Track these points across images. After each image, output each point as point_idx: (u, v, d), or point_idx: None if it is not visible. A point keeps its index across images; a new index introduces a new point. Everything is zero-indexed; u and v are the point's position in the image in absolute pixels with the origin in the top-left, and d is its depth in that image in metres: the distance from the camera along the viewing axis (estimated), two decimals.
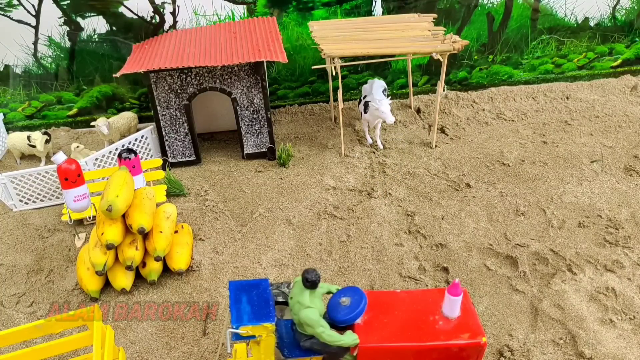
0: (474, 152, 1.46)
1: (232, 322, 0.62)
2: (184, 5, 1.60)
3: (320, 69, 1.71)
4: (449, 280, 1.01)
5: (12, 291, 1.04)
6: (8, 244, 1.18)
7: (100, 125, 1.50)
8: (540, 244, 1.09)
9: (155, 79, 1.36)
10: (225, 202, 1.29)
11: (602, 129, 1.56)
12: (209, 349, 0.89)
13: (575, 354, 0.85)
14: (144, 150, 1.47)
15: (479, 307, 0.95)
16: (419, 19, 1.62)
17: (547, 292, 0.98)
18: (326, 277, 1.03)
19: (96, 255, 0.98)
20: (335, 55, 1.37)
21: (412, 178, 1.35)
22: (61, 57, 1.62)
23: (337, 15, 1.70)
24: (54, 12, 1.55)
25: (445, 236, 1.13)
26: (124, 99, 1.73)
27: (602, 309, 0.93)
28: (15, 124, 1.71)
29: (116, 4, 1.56)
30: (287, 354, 0.69)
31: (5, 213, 1.30)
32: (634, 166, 1.35)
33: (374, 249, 1.10)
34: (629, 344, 0.86)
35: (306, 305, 0.64)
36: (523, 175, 1.34)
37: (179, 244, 1.07)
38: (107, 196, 1.01)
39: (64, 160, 1.11)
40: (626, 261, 1.03)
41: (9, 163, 1.58)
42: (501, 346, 0.87)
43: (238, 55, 1.34)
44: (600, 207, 1.20)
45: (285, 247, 1.11)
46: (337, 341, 0.65)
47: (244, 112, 1.42)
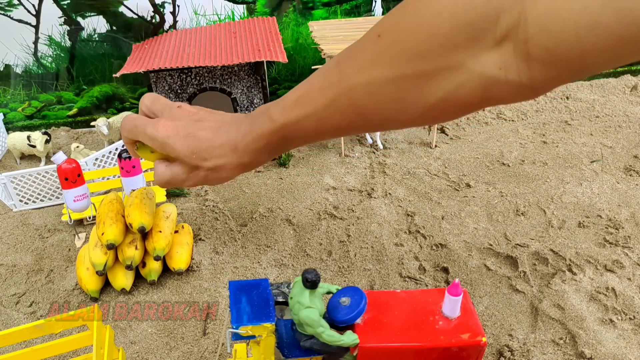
0: (474, 152, 1.46)
1: (232, 322, 0.62)
2: (184, 5, 1.60)
3: None
4: (449, 280, 1.01)
5: (12, 291, 1.04)
6: (8, 244, 1.18)
7: (100, 125, 1.50)
8: (540, 244, 1.09)
9: (155, 79, 1.36)
10: (225, 202, 1.29)
11: (602, 129, 1.56)
12: (209, 349, 0.88)
13: (575, 354, 0.85)
14: None
15: (479, 307, 0.95)
16: None
17: (547, 292, 0.97)
18: (326, 277, 1.03)
19: (96, 255, 0.98)
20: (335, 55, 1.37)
21: (412, 178, 1.34)
22: (61, 57, 1.62)
23: (337, 15, 1.69)
24: (54, 11, 1.55)
25: (445, 236, 1.13)
26: (124, 99, 1.73)
27: (602, 309, 0.93)
28: (15, 124, 1.70)
29: (116, 4, 1.56)
30: (287, 354, 0.69)
31: (5, 213, 1.30)
32: (634, 166, 1.35)
33: (374, 249, 1.10)
34: (629, 344, 0.86)
35: (306, 305, 0.64)
36: (523, 175, 1.34)
37: (179, 243, 1.07)
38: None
39: (64, 160, 1.10)
40: (626, 261, 1.03)
41: (9, 163, 1.58)
42: (501, 346, 0.87)
43: (238, 55, 1.34)
44: (600, 207, 1.20)
45: (285, 247, 1.11)
46: (337, 341, 0.65)
47: (244, 112, 1.42)
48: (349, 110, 0.62)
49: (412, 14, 0.55)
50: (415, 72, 0.55)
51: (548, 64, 0.48)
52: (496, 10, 0.48)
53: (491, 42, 0.50)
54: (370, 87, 0.59)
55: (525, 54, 0.49)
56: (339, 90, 0.61)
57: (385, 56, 0.57)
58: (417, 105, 0.58)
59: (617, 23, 0.41)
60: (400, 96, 0.58)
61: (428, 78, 0.55)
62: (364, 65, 0.59)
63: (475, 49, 0.51)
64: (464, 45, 0.51)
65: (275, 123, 0.67)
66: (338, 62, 0.63)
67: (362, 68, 0.59)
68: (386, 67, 0.57)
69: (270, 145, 0.70)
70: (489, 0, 0.48)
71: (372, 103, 0.61)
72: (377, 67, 0.58)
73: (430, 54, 0.54)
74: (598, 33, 0.43)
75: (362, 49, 0.60)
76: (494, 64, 0.51)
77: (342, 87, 0.61)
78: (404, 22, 0.56)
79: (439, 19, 0.52)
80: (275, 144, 0.70)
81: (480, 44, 0.51)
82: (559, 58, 0.47)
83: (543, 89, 0.53)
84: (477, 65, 0.52)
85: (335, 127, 0.65)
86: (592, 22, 0.43)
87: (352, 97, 0.61)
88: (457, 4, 0.50)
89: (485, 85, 0.53)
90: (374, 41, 0.58)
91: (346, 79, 0.61)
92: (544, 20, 0.46)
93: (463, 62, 0.52)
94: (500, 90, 0.53)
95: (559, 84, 0.53)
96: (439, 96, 0.56)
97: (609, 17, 0.42)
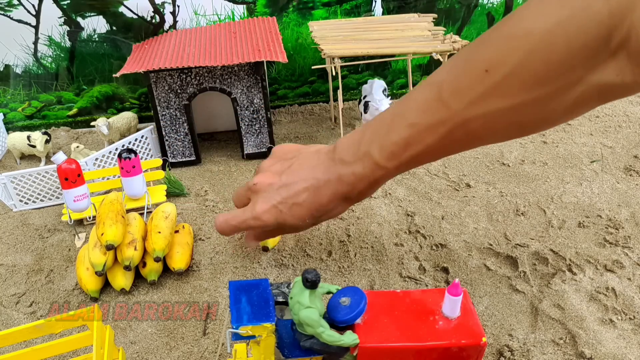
0: (474, 152, 1.46)
1: (232, 322, 0.62)
2: (184, 5, 1.59)
3: (320, 69, 1.71)
4: (449, 280, 1.01)
5: (12, 291, 1.04)
6: (8, 244, 1.18)
7: (100, 125, 1.50)
8: (540, 244, 1.09)
9: (155, 79, 1.36)
10: (225, 202, 1.29)
11: (602, 129, 1.56)
12: (209, 349, 0.88)
13: (575, 354, 0.85)
14: (144, 150, 1.46)
15: (479, 307, 0.95)
16: (419, 19, 1.61)
17: (547, 292, 0.97)
18: (326, 277, 1.03)
19: (95, 256, 0.98)
20: (335, 55, 1.37)
21: (412, 178, 1.34)
22: (61, 57, 1.61)
23: (337, 15, 1.69)
24: (54, 11, 1.55)
25: (445, 236, 1.13)
26: (124, 99, 1.73)
27: (602, 309, 0.93)
28: (15, 124, 1.70)
29: (116, 4, 1.56)
30: (287, 354, 0.69)
31: (5, 213, 1.30)
32: (634, 166, 1.35)
33: (374, 249, 1.10)
34: (629, 344, 0.86)
35: (306, 305, 0.64)
36: (523, 175, 1.34)
37: (179, 243, 1.06)
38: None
39: (64, 160, 1.10)
40: (626, 261, 1.03)
41: (9, 163, 1.58)
42: (501, 346, 0.87)
43: (238, 55, 1.34)
44: (600, 207, 1.20)
45: (285, 247, 1.11)
46: (337, 341, 0.65)
47: (244, 112, 1.42)
48: (464, 139, 0.63)
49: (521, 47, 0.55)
50: (534, 99, 0.56)
51: None
52: (608, 29, 0.50)
53: (606, 56, 0.53)
54: (486, 118, 0.60)
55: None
56: (452, 125, 0.62)
57: (500, 89, 0.57)
58: (536, 123, 0.60)
59: None
60: (520, 120, 0.59)
61: (548, 100, 0.56)
62: (475, 99, 0.59)
63: (592, 64, 0.53)
64: (581, 64, 0.53)
65: (386, 169, 0.69)
66: (439, 97, 0.62)
67: (475, 102, 0.59)
68: (503, 99, 0.58)
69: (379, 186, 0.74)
70: (599, 21, 0.50)
71: (489, 130, 0.61)
72: (493, 100, 0.58)
73: (547, 79, 0.55)
74: None
75: (468, 84, 0.60)
76: (611, 73, 0.53)
77: (456, 122, 0.62)
78: (514, 56, 0.56)
79: (553, 47, 0.53)
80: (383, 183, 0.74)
81: (596, 60, 0.53)
82: None
83: None
84: (595, 78, 0.54)
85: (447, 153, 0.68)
86: None
87: (468, 128, 0.62)
88: (568, 31, 0.52)
89: (603, 91, 0.55)
90: (482, 76, 0.58)
91: (457, 114, 0.61)
92: None
93: (581, 77, 0.54)
94: (616, 91, 0.55)
95: None
96: (559, 111, 0.57)
97: None
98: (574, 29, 0.51)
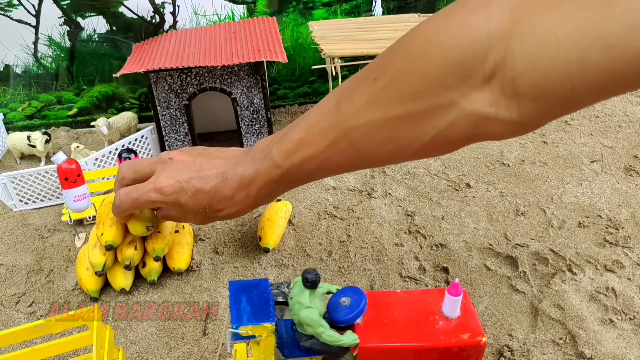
0: (473, 152, 1.46)
1: (232, 322, 0.62)
2: (184, 5, 1.60)
3: (320, 69, 1.71)
4: (449, 280, 1.01)
5: (12, 291, 1.04)
6: (8, 244, 1.18)
7: (100, 125, 1.50)
8: (540, 244, 1.09)
9: (155, 79, 1.36)
10: None
11: (602, 129, 1.56)
12: (209, 349, 0.88)
13: (575, 354, 0.85)
14: (144, 150, 1.46)
15: (479, 307, 0.95)
16: (419, 19, 1.61)
17: (547, 292, 0.97)
18: (326, 277, 1.03)
19: (95, 256, 0.98)
20: (335, 55, 1.37)
21: (412, 178, 1.34)
22: (61, 57, 1.61)
23: (337, 15, 1.69)
24: (54, 11, 1.55)
25: (445, 236, 1.13)
26: (124, 99, 1.73)
27: (602, 309, 0.93)
28: (15, 124, 1.70)
29: (116, 4, 1.56)
30: (287, 354, 0.69)
31: (5, 213, 1.30)
32: (634, 166, 1.35)
33: (374, 249, 1.10)
34: (629, 344, 0.86)
35: (306, 305, 0.64)
36: (523, 175, 1.34)
37: (179, 243, 1.07)
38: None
39: (64, 160, 1.10)
40: (626, 261, 1.03)
41: (9, 163, 1.58)
42: (501, 346, 0.87)
43: (238, 55, 1.34)
44: (600, 207, 1.20)
45: (285, 247, 1.11)
46: (337, 341, 0.65)
47: (244, 112, 1.42)
48: (349, 150, 0.63)
49: (403, 55, 0.56)
50: (409, 113, 0.56)
51: (538, 100, 0.48)
52: (484, 49, 0.49)
53: (481, 80, 0.51)
54: (367, 128, 0.60)
55: (514, 91, 0.49)
56: (338, 131, 0.62)
57: (381, 99, 0.58)
58: (412, 145, 0.59)
59: (606, 59, 0.42)
60: (395, 136, 0.59)
61: (421, 118, 0.56)
62: (360, 107, 0.60)
63: (466, 88, 0.52)
64: (455, 84, 0.52)
65: (281, 168, 0.69)
66: (337, 103, 0.63)
67: (359, 110, 0.60)
68: (381, 109, 0.58)
69: (279, 188, 0.73)
70: (476, 39, 0.49)
71: (369, 143, 0.61)
72: (373, 109, 0.59)
73: (422, 94, 0.54)
74: (588, 68, 0.43)
75: (359, 91, 0.61)
76: (485, 102, 0.52)
77: (342, 129, 0.62)
78: (396, 64, 0.56)
79: (428, 58, 0.52)
80: (283, 186, 0.73)
81: (470, 82, 0.51)
82: (549, 93, 0.47)
83: (534, 125, 0.53)
84: (468, 104, 0.53)
85: (337, 166, 0.67)
86: (581, 58, 0.43)
87: (351, 138, 0.62)
88: (444, 43, 0.51)
89: (477, 122, 0.53)
90: (370, 84, 0.59)
91: (344, 121, 0.61)
92: (533, 58, 0.46)
93: (455, 101, 0.53)
94: (491, 126, 0.53)
95: (550, 119, 0.54)
96: (432, 135, 0.57)
97: (598, 53, 0.42)
98: (451, 42, 0.50)
